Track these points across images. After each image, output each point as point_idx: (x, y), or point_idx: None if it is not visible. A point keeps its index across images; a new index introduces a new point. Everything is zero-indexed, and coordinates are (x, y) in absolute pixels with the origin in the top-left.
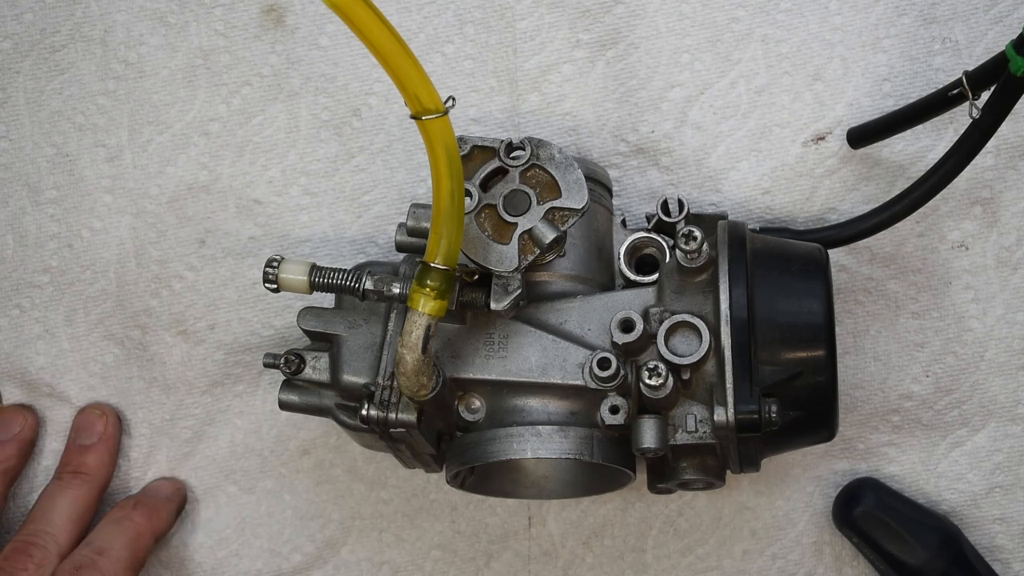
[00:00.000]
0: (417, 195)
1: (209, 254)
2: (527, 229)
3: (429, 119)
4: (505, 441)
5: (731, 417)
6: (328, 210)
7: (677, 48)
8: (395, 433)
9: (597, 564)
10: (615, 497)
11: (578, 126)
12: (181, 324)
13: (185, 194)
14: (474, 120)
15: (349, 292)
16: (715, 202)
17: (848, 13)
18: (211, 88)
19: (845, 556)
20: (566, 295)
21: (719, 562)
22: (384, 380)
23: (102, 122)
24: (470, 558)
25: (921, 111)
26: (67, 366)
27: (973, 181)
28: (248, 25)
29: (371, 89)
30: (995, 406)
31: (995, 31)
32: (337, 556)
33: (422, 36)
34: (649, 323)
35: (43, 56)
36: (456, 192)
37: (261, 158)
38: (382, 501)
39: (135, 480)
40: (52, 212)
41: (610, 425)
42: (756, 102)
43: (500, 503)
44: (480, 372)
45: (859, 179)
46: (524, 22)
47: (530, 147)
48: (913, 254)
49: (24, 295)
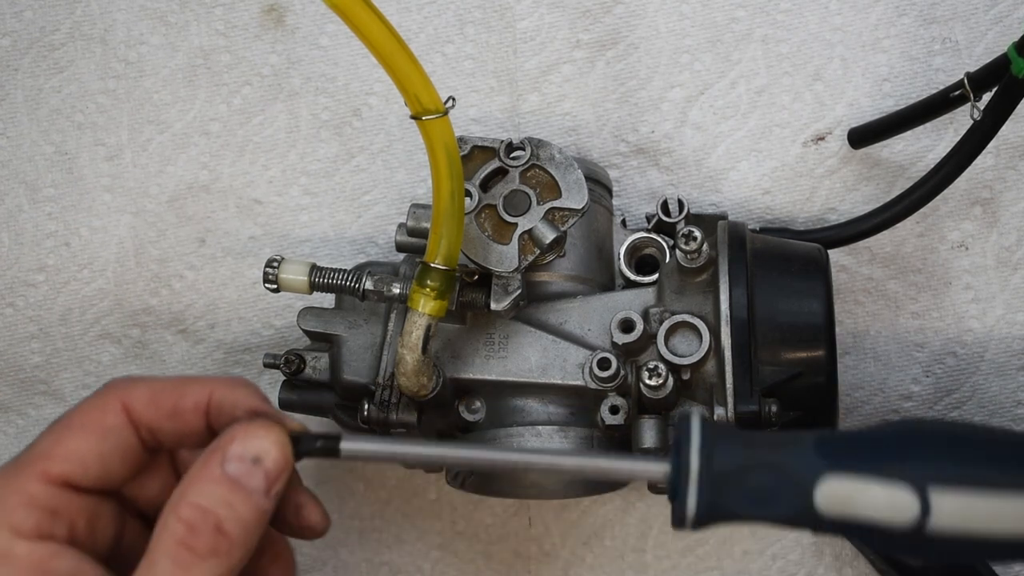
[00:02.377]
0: (417, 195)
1: (209, 254)
2: (527, 229)
3: (429, 119)
4: (505, 441)
5: (731, 417)
6: (328, 210)
7: (677, 48)
8: (395, 433)
9: (597, 564)
10: (615, 497)
11: (578, 126)
12: (181, 323)
13: (185, 193)
14: (474, 120)
15: (349, 292)
16: (715, 202)
17: (848, 13)
18: (211, 88)
19: (845, 556)
20: (566, 295)
21: (719, 562)
22: (384, 380)
23: (102, 121)
24: (470, 558)
25: (922, 112)
26: (62, 364)
27: (973, 181)
28: (248, 25)
29: (371, 89)
30: (995, 406)
31: (995, 31)
32: (336, 557)
33: (422, 36)
34: (649, 323)
35: (42, 54)
36: (456, 192)
37: (261, 158)
38: (382, 501)
39: None
40: (50, 210)
41: (610, 425)
42: (756, 102)
43: (500, 503)
44: (480, 372)
45: (859, 179)
46: (524, 22)
47: (530, 147)
48: (913, 254)
49: (18, 294)
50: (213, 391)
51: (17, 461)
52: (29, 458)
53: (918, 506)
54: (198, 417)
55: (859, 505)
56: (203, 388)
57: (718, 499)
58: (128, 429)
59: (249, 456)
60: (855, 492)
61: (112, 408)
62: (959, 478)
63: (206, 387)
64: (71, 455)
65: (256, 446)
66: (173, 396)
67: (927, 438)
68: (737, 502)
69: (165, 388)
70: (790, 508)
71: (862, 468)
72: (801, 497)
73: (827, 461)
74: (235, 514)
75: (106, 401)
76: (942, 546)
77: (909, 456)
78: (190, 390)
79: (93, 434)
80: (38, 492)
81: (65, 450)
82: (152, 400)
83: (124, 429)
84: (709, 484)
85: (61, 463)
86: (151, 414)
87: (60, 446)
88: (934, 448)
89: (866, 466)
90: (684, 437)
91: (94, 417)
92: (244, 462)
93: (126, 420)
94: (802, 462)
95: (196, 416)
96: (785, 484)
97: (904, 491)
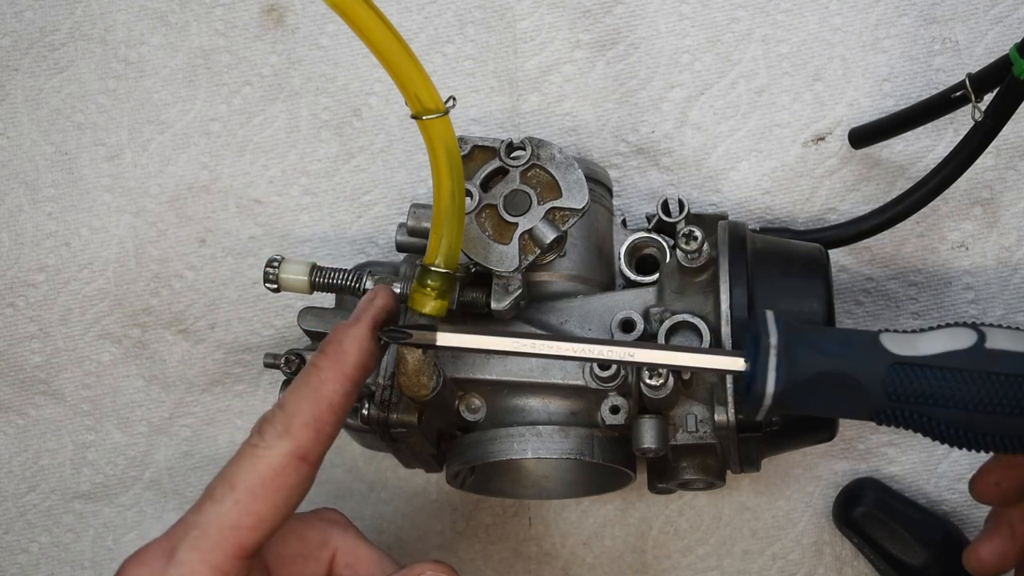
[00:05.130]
0: (417, 195)
1: (209, 253)
2: (528, 229)
3: (430, 119)
4: (506, 441)
5: (732, 417)
6: (328, 210)
7: (677, 48)
8: (395, 433)
9: (597, 564)
10: (615, 497)
11: (578, 126)
12: (181, 323)
13: (185, 193)
14: (474, 120)
15: (349, 292)
16: (715, 202)
17: (848, 13)
18: (212, 88)
19: (845, 556)
20: (566, 295)
21: (719, 562)
22: (384, 380)
23: (102, 121)
24: (470, 558)
25: (923, 113)
26: (62, 364)
27: (973, 182)
28: (249, 25)
29: (371, 89)
30: None
31: (995, 31)
32: None
33: (422, 36)
34: (650, 323)
35: (43, 54)
36: (457, 192)
37: (261, 158)
38: (382, 501)
39: (132, 479)
40: (50, 210)
41: (610, 425)
42: (756, 102)
43: (500, 503)
44: (480, 372)
45: (859, 179)
46: (524, 22)
47: (530, 147)
48: (913, 254)
49: (18, 294)
50: (345, 372)
51: (201, 528)
52: (216, 527)
53: (975, 335)
54: (349, 400)
55: (921, 346)
56: (337, 377)
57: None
58: (308, 477)
59: None
60: (916, 338)
61: (290, 467)
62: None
63: (338, 373)
64: (260, 524)
65: None
66: (326, 411)
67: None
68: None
69: (315, 409)
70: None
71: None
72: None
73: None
74: None
75: (282, 462)
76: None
77: None
78: (330, 389)
79: (279, 497)
80: (231, 567)
81: (256, 520)
82: (317, 435)
83: (304, 479)
84: (787, 370)
85: (253, 534)
86: (321, 447)
87: (251, 516)
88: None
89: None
90: (763, 329)
91: (277, 481)
92: None
93: (305, 470)
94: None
95: (348, 402)
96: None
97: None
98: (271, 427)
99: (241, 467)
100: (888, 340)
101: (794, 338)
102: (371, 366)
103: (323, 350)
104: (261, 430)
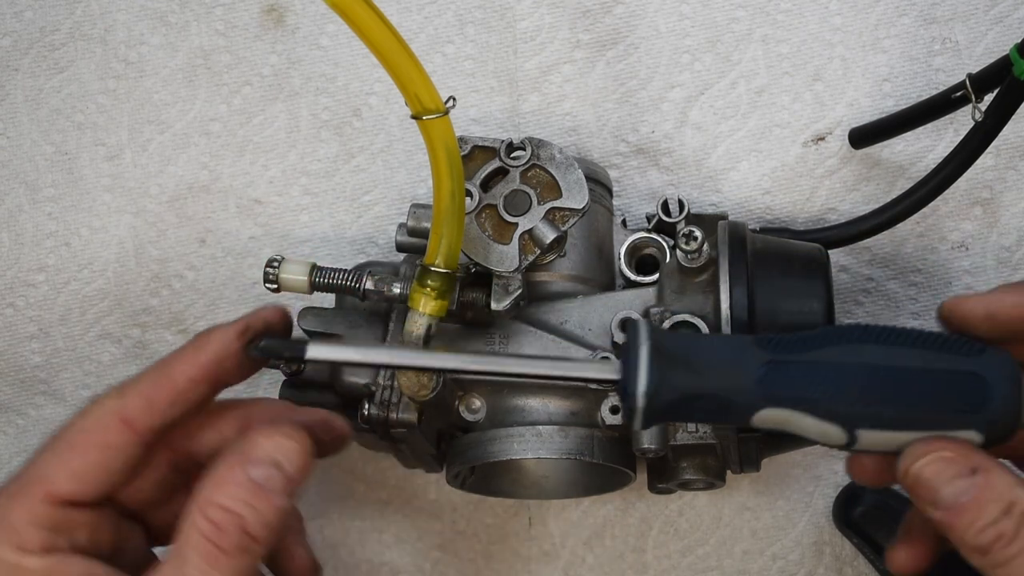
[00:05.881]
0: (417, 195)
1: (209, 253)
2: (528, 229)
3: (430, 119)
4: (506, 441)
5: None
6: (328, 210)
7: (677, 48)
8: (395, 433)
9: (597, 564)
10: (615, 497)
11: (578, 126)
12: (181, 323)
13: (185, 193)
14: (474, 120)
15: (349, 292)
16: (715, 202)
17: (848, 13)
18: (212, 88)
19: (845, 556)
20: (566, 295)
21: (719, 562)
22: (384, 380)
23: (102, 121)
24: (470, 558)
25: (923, 113)
26: (62, 364)
27: (973, 182)
28: (248, 25)
29: (371, 89)
30: None
31: (995, 31)
32: (336, 557)
33: (422, 36)
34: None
35: (43, 54)
36: (457, 192)
37: (261, 158)
38: (382, 501)
39: None
40: (50, 210)
41: (611, 425)
42: (756, 102)
43: (500, 503)
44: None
45: (859, 179)
46: (524, 22)
47: (530, 147)
48: (913, 254)
49: (18, 294)
50: (199, 361)
51: (19, 480)
52: (31, 478)
53: (846, 437)
54: (195, 388)
55: (794, 427)
56: (190, 364)
57: (661, 404)
58: (130, 442)
59: (271, 461)
60: (791, 419)
61: (111, 426)
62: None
63: (191, 361)
64: (74, 475)
65: (277, 451)
66: (166, 388)
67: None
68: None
69: (155, 384)
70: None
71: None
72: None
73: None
74: (258, 515)
75: (104, 420)
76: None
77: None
78: (178, 371)
79: (96, 453)
80: (43, 512)
81: (68, 471)
82: (148, 405)
83: (127, 443)
84: (658, 380)
85: (65, 483)
86: (150, 418)
87: (63, 467)
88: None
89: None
90: (633, 338)
91: (95, 437)
92: (266, 467)
93: (127, 434)
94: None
95: (194, 388)
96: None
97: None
98: (111, 389)
99: (71, 421)
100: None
101: (666, 344)
102: (230, 366)
103: (191, 340)
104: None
